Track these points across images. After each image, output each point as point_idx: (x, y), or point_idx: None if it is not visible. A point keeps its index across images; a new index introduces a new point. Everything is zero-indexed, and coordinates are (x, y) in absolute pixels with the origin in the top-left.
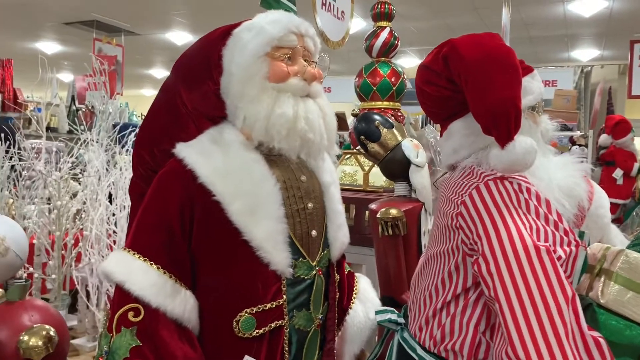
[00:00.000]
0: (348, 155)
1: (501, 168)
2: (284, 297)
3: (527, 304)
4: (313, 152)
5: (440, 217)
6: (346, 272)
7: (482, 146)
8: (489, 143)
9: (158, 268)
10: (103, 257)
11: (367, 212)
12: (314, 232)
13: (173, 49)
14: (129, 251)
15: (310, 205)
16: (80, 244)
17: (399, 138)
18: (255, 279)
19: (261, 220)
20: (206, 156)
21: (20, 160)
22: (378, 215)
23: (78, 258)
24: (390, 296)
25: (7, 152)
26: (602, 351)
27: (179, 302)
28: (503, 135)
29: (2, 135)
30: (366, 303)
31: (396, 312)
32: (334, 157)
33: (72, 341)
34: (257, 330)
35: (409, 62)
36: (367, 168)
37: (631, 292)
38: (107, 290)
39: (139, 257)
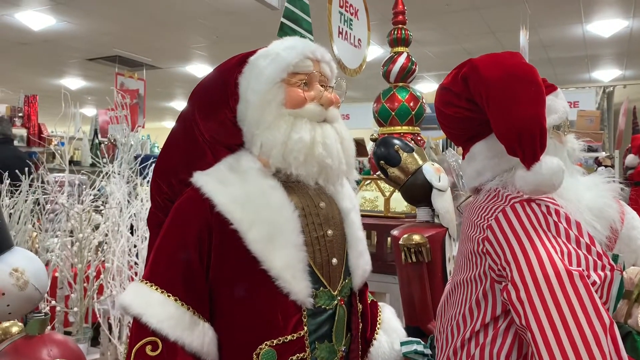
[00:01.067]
0: (368, 181)
1: (528, 190)
2: (305, 328)
3: (562, 333)
4: (331, 178)
5: (465, 243)
6: (369, 302)
7: (506, 168)
8: (513, 164)
9: (176, 300)
10: (124, 289)
11: (389, 239)
12: (334, 260)
13: (193, 81)
14: (146, 283)
15: (330, 232)
16: (102, 276)
17: (420, 162)
18: (275, 309)
19: (280, 249)
20: (224, 184)
21: (43, 193)
22: (400, 242)
23: (100, 290)
24: (416, 326)
25: (30, 185)
26: None
27: (198, 335)
28: (528, 156)
29: (26, 169)
30: (391, 333)
31: (422, 342)
32: (354, 183)
33: None
34: None
35: (427, 88)
36: (387, 193)
37: None
38: (129, 323)
39: (157, 289)
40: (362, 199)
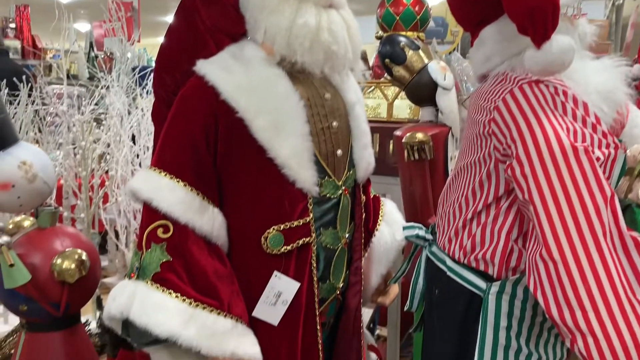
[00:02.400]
0: (371, 87)
1: (537, 70)
2: (311, 215)
3: (564, 204)
4: (337, 66)
5: (471, 127)
6: (372, 196)
7: (515, 52)
8: (523, 48)
9: (185, 185)
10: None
11: (391, 142)
12: (339, 152)
13: None
14: (154, 169)
15: (335, 123)
16: (107, 184)
17: (425, 60)
18: (282, 197)
19: (286, 138)
20: (228, 72)
21: (43, 104)
22: (404, 140)
23: (105, 200)
24: (417, 222)
25: (29, 96)
26: None
27: (207, 219)
28: (539, 33)
29: (24, 77)
30: (392, 224)
31: (424, 227)
32: (359, 75)
33: (104, 280)
34: (285, 247)
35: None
36: (390, 99)
37: None
38: (136, 229)
39: (165, 175)
40: (364, 107)
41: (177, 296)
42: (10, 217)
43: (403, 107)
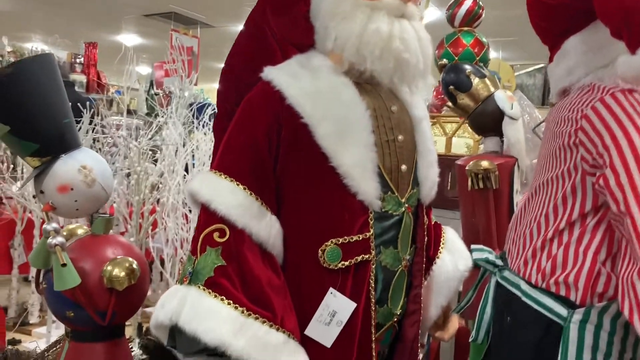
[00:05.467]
0: (431, 122)
1: (631, 76)
2: (372, 230)
3: None
4: (407, 76)
5: (550, 141)
6: (433, 222)
7: (601, 64)
8: (610, 59)
9: (245, 189)
10: (178, 224)
11: (450, 174)
12: (403, 167)
13: None
14: (214, 172)
15: (400, 137)
16: (157, 210)
17: (492, 89)
18: (342, 208)
19: (350, 146)
20: (295, 78)
21: (102, 133)
22: (467, 168)
23: (154, 227)
24: None
25: (90, 123)
26: None
27: (265, 226)
28: (635, 37)
29: (87, 104)
30: (454, 253)
31: (494, 252)
32: (430, 89)
33: (146, 309)
34: (342, 262)
35: None
36: (449, 133)
37: None
38: (181, 258)
39: (225, 177)
40: None
41: (229, 303)
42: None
43: (460, 145)
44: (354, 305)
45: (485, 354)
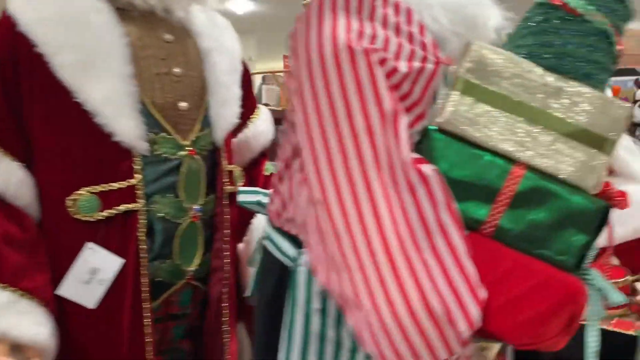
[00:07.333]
0: None
1: None
2: (139, 176)
3: (328, 123)
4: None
5: None
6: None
7: None
8: None
9: None
10: None
11: None
12: (183, 104)
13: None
14: None
15: (177, 70)
16: None
17: None
18: (96, 152)
19: (99, 79)
20: (38, 3)
21: None
22: None
23: None
24: None
25: None
26: (430, 189)
27: (1, 173)
28: None
29: None
30: None
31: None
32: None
33: None
34: (100, 213)
35: None
36: None
37: (482, 103)
38: None
39: None
40: None
41: None
42: None
43: None
44: (120, 261)
45: None
